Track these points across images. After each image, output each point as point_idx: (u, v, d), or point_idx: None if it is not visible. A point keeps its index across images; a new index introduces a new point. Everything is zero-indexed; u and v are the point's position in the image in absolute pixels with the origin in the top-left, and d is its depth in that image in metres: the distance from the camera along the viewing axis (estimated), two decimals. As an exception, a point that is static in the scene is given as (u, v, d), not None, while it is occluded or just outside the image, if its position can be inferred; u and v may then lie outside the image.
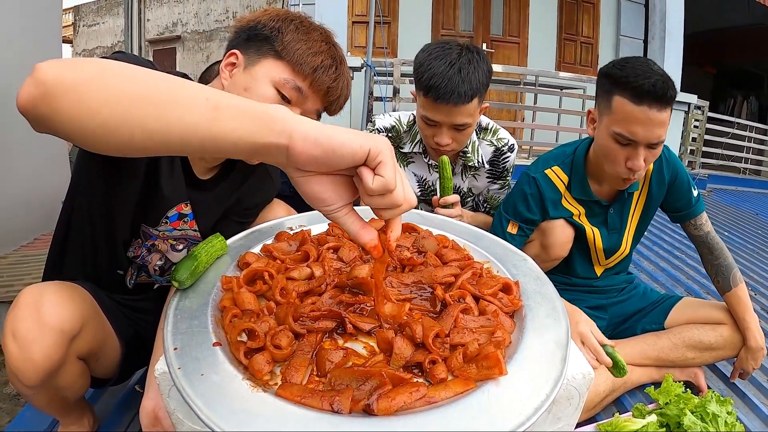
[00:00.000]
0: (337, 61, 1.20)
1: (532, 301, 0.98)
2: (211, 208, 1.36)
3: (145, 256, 1.34)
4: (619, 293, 1.93)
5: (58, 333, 1.02)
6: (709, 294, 2.72)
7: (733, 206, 6.06)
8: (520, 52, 8.00)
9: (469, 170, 1.94)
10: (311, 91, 1.18)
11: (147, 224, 1.28)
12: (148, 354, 1.28)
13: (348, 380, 0.74)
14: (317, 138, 0.59)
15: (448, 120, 1.64)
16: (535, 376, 0.79)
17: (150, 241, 1.31)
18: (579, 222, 1.75)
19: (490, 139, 1.91)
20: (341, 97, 1.24)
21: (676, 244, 3.63)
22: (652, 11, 7.57)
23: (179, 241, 1.35)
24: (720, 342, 1.72)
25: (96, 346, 1.19)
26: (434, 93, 1.59)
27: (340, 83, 1.21)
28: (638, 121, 1.44)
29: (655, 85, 1.40)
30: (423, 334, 0.80)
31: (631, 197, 1.75)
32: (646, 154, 1.49)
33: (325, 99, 1.22)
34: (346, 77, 1.24)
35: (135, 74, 0.60)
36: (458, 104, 1.59)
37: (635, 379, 1.76)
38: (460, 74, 1.58)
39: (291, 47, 1.15)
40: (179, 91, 0.59)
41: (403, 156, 1.95)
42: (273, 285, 0.96)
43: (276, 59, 1.16)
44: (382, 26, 6.18)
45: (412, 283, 0.99)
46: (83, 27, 16.60)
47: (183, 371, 0.78)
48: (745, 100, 13.10)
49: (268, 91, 1.15)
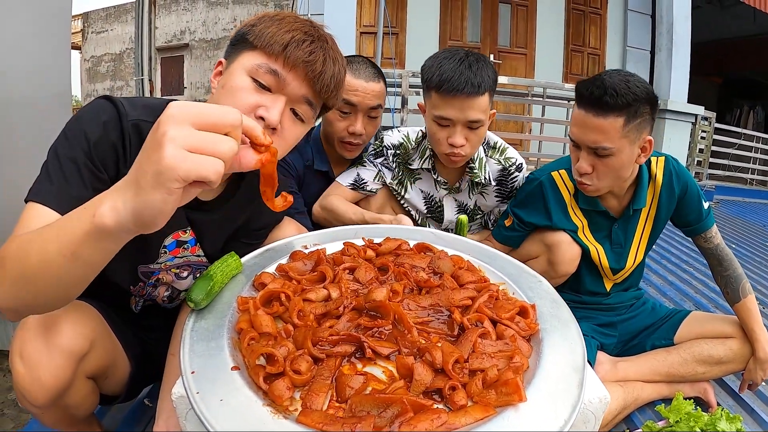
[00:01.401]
0: (312, 36, 1.10)
1: (548, 324, 0.98)
2: (217, 230, 1.31)
3: (152, 292, 1.32)
4: (628, 310, 1.93)
5: (67, 354, 1.01)
6: (717, 308, 2.71)
7: (741, 217, 6.04)
8: (528, 64, 8.00)
9: (476, 187, 1.94)
10: (287, 71, 1.07)
11: (146, 263, 1.25)
12: (156, 370, 1.27)
13: (369, 407, 0.74)
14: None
15: (462, 116, 1.64)
16: (553, 401, 0.79)
17: (153, 277, 1.28)
18: (581, 238, 1.74)
19: (498, 158, 1.91)
20: (327, 75, 1.11)
21: (684, 257, 3.62)
22: (659, 22, 7.56)
23: (182, 269, 1.31)
24: (730, 355, 1.72)
25: (105, 365, 1.17)
26: (447, 86, 1.60)
27: (318, 58, 1.09)
28: (576, 123, 1.55)
29: (592, 92, 1.48)
30: (443, 360, 0.81)
31: (638, 214, 1.75)
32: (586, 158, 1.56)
33: (307, 80, 1.09)
34: (332, 55, 1.12)
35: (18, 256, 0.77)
36: (471, 95, 1.60)
37: (645, 396, 1.75)
38: (470, 69, 1.60)
39: (262, 33, 1.08)
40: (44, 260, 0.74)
41: (411, 173, 1.95)
42: (290, 307, 0.97)
43: (250, 50, 1.08)
44: (390, 37, 6.21)
45: (429, 306, 0.99)
46: (92, 34, 16.71)
47: (201, 396, 0.78)
48: (752, 110, 13.08)
49: (242, 81, 1.06)
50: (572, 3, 8.03)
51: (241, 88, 1.05)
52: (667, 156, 1.73)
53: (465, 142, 1.68)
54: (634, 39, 7.98)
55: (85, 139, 0.99)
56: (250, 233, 1.38)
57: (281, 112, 1.06)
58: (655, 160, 1.70)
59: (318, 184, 2.03)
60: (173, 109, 0.62)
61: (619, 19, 8.12)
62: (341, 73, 1.16)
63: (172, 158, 0.59)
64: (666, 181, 1.70)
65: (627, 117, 1.46)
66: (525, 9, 7.93)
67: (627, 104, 1.45)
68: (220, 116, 0.64)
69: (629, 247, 1.79)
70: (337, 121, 1.89)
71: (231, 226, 1.32)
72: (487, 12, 7.82)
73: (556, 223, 1.74)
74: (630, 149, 1.51)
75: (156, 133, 0.61)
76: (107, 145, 1.01)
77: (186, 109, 0.62)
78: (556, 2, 8.00)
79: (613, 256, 1.78)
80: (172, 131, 0.60)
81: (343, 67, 1.17)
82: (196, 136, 0.61)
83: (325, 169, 2.03)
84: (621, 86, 1.45)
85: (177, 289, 1.34)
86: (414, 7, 7.59)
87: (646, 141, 1.53)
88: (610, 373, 1.73)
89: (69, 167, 0.96)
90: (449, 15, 7.73)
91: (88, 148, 0.99)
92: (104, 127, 1.01)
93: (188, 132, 0.61)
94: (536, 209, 1.76)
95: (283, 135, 1.10)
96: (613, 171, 1.55)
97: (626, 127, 1.47)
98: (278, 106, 1.05)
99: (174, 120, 0.61)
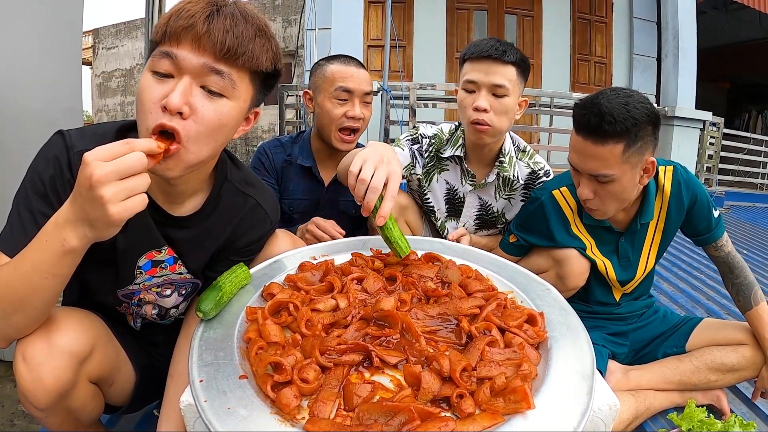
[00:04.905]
0: (210, 4, 0.98)
1: (557, 332, 0.98)
2: (198, 246, 1.26)
3: (138, 312, 1.33)
4: (639, 319, 1.91)
5: (68, 355, 1.03)
6: (729, 314, 2.68)
7: (751, 223, 5.98)
8: (535, 73, 8.00)
9: (504, 187, 1.94)
10: (174, 46, 0.96)
11: (123, 286, 1.24)
12: (163, 384, 1.28)
13: (376, 415, 0.74)
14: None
15: (486, 79, 1.71)
16: (562, 409, 0.79)
17: (135, 297, 1.27)
18: (590, 256, 1.73)
19: (527, 162, 1.93)
20: (217, 32, 0.96)
21: (695, 264, 3.58)
22: (664, 29, 7.55)
23: (164, 287, 1.29)
24: (742, 363, 1.69)
25: (108, 370, 1.19)
26: (474, 49, 1.73)
27: (200, 18, 0.96)
28: (574, 149, 1.52)
29: (589, 120, 1.44)
30: (450, 368, 0.81)
31: (645, 227, 1.72)
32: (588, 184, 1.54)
33: (198, 45, 0.96)
34: (225, 12, 0.98)
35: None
36: (496, 60, 1.69)
37: (658, 404, 1.73)
38: (498, 42, 1.72)
39: (157, 27, 0.99)
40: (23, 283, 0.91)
41: (439, 161, 1.96)
42: (298, 317, 0.97)
43: (155, 48, 0.99)
44: (398, 50, 6.25)
45: (437, 315, 0.99)
46: (102, 49, 16.90)
47: (209, 404, 0.79)
48: (760, 115, 13.01)
49: (145, 81, 0.98)
50: (578, 12, 8.05)
51: (145, 88, 0.98)
52: (675, 165, 1.68)
53: (488, 107, 1.72)
54: (640, 46, 7.97)
55: (39, 181, 1.03)
56: (237, 251, 1.33)
57: (183, 93, 0.95)
58: (663, 170, 1.66)
59: (300, 180, 2.09)
60: (99, 171, 0.79)
61: (624, 27, 8.12)
62: (241, 26, 0.99)
63: (116, 214, 0.81)
64: (674, 191, 1.67)
65: (627, 142, 1.42)
66: (531, 19, 7.97)
67: (626, 130, 1.41)
68: (132, 167, 0.82)
69: (638, 260, 1.77)
70: (335, 108, 1.95)
71: (213, 242, 1.28)
72: (493, 23, 7.86)
73: (560, 243, 1.72)
74: (632, 173, 1.48)
75: (92, 192, 0.80)
76: (62, 180, 1.04)
77: (108, 169, 0.79)
78: (561, 11, 8.02)
79: (620, 269, 1.76)
80: (107, 193, 0.79)
81: (250, 20, 1.02)
82: (125, 189, 0.81)
83: (309, 165, 2.07)
84: (619, 111, 1.40)
85: (164, 307, 1.33)
86: (420, 20, 7.64)
87: (648, 162, 1.50)
88: (621, 381, 1.71)
89: (26, 216, 1.02)
90: (456, 27, 7.76)
91: (44, 189, 1.03)
92: (54, 162, 1.04)
93: (118, 189, 0.80)
94: (538, 231, 1.74)
95: (198, 116, 0.97)
96: (616, 195, 1.52)
97: (627, 153, 1.43)
98: (178, 89, 0.95)
99: (103, 182, 0.79)
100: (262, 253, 1.38)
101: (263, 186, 1.36)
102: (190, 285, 1.32)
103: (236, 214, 1.28)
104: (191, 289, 1.33)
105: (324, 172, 2.10)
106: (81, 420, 1.18)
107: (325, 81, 1.96)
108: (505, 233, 1.90)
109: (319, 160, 2.10)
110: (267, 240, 1.39)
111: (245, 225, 1.29)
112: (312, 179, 2.08)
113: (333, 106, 1.95)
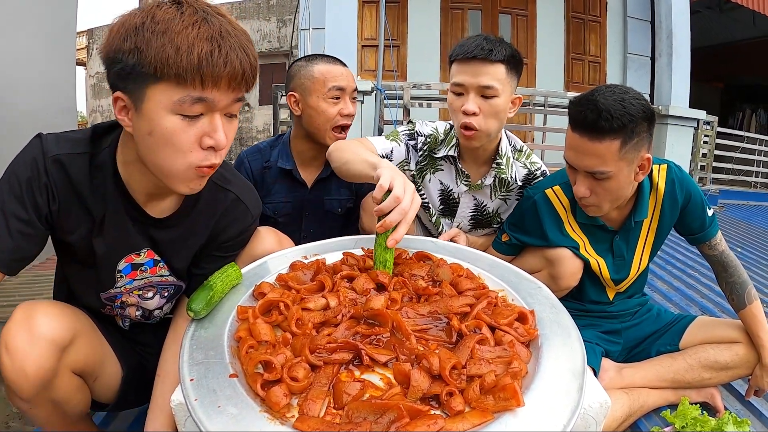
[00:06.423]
0: (213, 32, 0.95)
1: (547, 329, 0.98)
2: (181, 245, 1.27)
3: (122, 314, 1.34)
4: (632, 317, 1.91)
5: (49, 343, 1.04)
6: (723, 312, 2.68)
7: (745, 221, 6.00)
8: (529, 73, 8.01)
9: (500, 188, 1.93)
10: (211, 91, 0.96)
11: (105, 290, 1.25)
12: (150, 386, 1.28)
13: (365, 413, 0.74)
14: None
15: (474, 81, 1.67)
16: (552, 406, 0.79)
17: (117, 300, 1.28)
18: (583, 255, 1.73)
19: (524, 162, 1.91)
20: (247, 69, 0.99)
21: (689, 263, 3.59)
22: (658, 28, 7.58)
23: (145, 290, 1.29)
24: (736, 361, 1.70)
25: (92, 363, 1.20)
26: (461, 50, 1.68)
27: (233, 58, 0.95)
28: (570, 147, 1.52)
29: (586, 116, 1.44)
30: (440, 366, 0.81)
31: (639, 225, 1.72)
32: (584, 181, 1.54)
33: (233, 86, 0.98)
34: (239, 42, 0.98)
35: None
36: (483, 61, 1.65)
37: (651, 402, 1.73)
38: (485, 40, 1.67)
39: (161, 60, 0.91)
40: None
41: (433, 161, 1.94)
42: (289, 316, 0.97)
43: (155, 83, 0.94)
44: (392, 50, 6.24)
45: (427, 314, 0.99)
46: (97, 50, 16.84)
47: (200, 403, 0.79)
48: (754, 114, 13.06)
49: (171, 123, 0.96)
50: (572, 11, 8.06)
51: (174, 131, 0.96)
52: (669, 163, 1.69)
53: (477, 110, 1.68)
54: (634, 45, 7.99)
55: (17, 182, 1.04)
56: (219, 246, 1.32)
57: (224, 131, 1.00)
58: (657, 168, 1.67)
59: (281, 184, 2.08)
60: None
61: (618, 26, 8.14)
62: (249, 49, 1.00)
63: None
64: (668, 189, 1.67)
65: (624, 139, 1.43)
66: (525, 19, 7.98)
67: (623, 126, 1.41)
68: None
69: (632, 258, 1.77)
70: (330, 108, 1.95)
71: (196, 240, 1.28)
72: (487, 22, 7.87)
73: (553, 242, 1.72)
74: (628, 170, 1.49)
75: None
76: (38, 183, 1.05)
77: None
78: (555, 11, 8.04)
79: (614, 268, 1.76)
80: None
81: (247, 37, 1.02)
82: None
83: (289, 168, 2.06)
84: (616, 108, 1.41)
85: (147, 309, 1.34)
86: (415, 20, 7.64)
87: (644, 159, 1.50)
88: (615, 380, 1.71)
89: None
90: (450, 26, 7.77)
91: (20, 191, 1.04)
92: (32, 164, 1.05)
93: None
94: (532, 230, 1.74)
95: (227, 140, 1.03)
96: (612, 193, 1.53)
97: (623, 149, 1.44)
98: (218, 127, 0.99)
99: None
100: (247, 252, 1.37)
101: (243, 180, 1.35)
102: (172, 287, 1.33)
103: (217, 210, 1.28)
104: (174, 291, 1.34)
105: (306, 174, 2.08)
106: (67, 414, 1.19)
107: (316, 82, 1.95)
108: (498, 232, 1.90)
109: (300, 161, 2.09)
110: (250, 235, 1.38)
111: (226, 219, 1.29)
112: (294, 182, 2.07)
113: (328, 105, 1.95)
